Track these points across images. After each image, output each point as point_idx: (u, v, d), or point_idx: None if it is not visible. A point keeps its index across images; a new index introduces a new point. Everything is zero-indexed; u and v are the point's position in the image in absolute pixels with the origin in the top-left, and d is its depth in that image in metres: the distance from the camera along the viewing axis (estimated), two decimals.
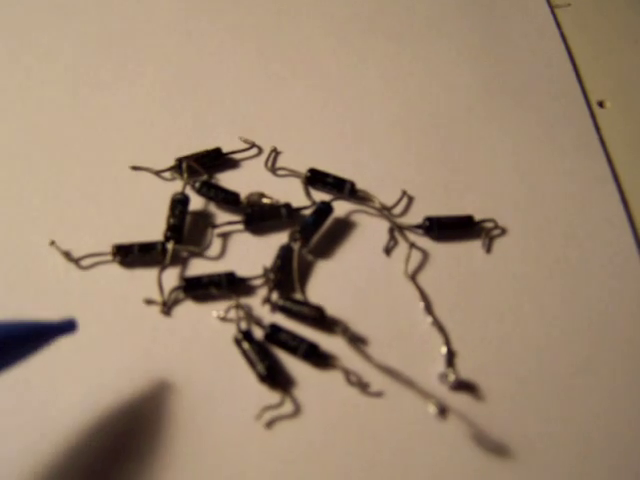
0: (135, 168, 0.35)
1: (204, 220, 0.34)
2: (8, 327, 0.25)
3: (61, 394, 0.29)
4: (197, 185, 0.34)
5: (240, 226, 0.33)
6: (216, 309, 0.31)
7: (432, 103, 0.39)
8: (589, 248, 0.34)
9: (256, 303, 0.32)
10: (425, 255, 0.33)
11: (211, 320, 0.31)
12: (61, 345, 0.27)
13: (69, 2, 0.42)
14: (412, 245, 0.33)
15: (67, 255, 0.32)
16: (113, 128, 0.37)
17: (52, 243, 0.33)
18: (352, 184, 0.34)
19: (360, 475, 0.28)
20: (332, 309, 0.31)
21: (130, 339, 0.31)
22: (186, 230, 0.33)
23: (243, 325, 0.31)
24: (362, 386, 0.30)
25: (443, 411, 0.29)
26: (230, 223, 0.33)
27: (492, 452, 0.28)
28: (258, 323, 0.31)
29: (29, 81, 0.39)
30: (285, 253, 0.32)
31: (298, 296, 0.32)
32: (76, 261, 0.32)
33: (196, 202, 0.34)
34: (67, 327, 0.26)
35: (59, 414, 0.29)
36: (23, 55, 0.40)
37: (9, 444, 0.28)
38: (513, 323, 0.32)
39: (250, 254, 0.33)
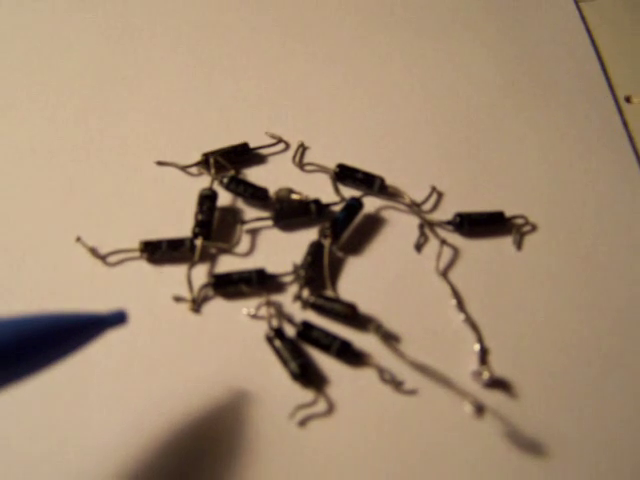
0: (161, 163, 0.35)
1: (232, 216, 0.33)
2: (57, 318, 0.24)
3: (92, 389, 0.29)
4: (225, 180, 0.33)
5: (269, 222, 0.33)
6: (246, 306, 0.31)
7: (459, 98, 0.38)
8: (618, 243, 0.34)
9: (286, 300, 0.31)
10: (455, 251, 0.33)
11: (241, 317, 0.31)
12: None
13: None
14: (443, 242, 0.33)
15: (93, 251, 0.32)
16: (138, 123, 0.37)
17: (78, 239, 0.32)
18: (382, 180, 0.34)
19: (394, 474, 0.28)
20: (363, 306, 0.31)
21: (159, 337, 0.30)
22: (214, 226, 0.33)
23: (274, 322, 0.30)
24: (396, 384, 0.29)
25: (480, 409, 0.29)
26: (259, 219, 0.33)
27: (526, 450, 0.28)
28: (289, 320, 0.30)
29: (52, 77, 0.38)
30: (315, 249, 0.32)
31: (329, 293, 0.31)
32: (103, 258, 0.32)
33: (224, 198, 0.34)
34: (117, 319, 0.25)
35: (92, 408, 0.29)
36: (47, 52, 0.39)
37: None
38: (545, 319, 0.31)
39: (279, 250, 0.33)
